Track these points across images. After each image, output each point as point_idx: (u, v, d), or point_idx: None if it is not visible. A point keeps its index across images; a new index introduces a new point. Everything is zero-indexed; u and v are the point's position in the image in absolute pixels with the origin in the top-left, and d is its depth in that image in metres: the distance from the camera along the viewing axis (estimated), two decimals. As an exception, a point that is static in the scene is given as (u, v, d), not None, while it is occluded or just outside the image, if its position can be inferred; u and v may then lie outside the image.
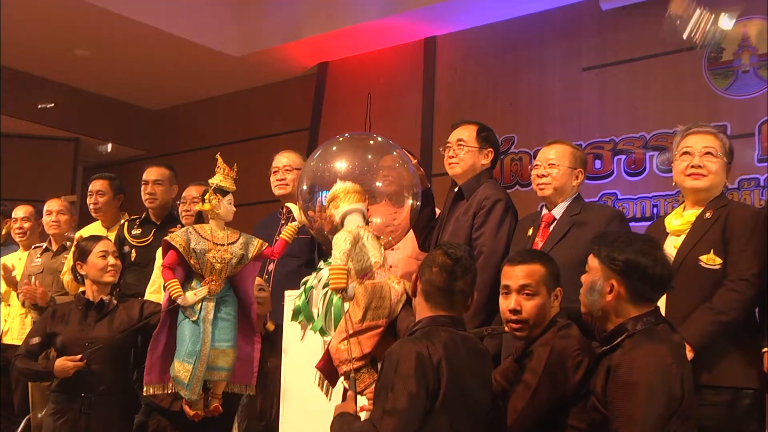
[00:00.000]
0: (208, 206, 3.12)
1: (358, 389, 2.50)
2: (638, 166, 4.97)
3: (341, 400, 2.55)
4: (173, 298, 3.04)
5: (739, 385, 2.60)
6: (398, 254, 3.46)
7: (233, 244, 3.13)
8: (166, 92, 7.43)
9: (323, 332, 2.88)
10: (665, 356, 2.05)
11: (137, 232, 4.31)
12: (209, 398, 3.11)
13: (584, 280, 2.30)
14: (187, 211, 4.12)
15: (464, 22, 5.87)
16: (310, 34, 6.19)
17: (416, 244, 3.51)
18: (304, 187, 3.12)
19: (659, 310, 2.23)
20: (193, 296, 3.06)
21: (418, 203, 3.20)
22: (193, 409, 3.08)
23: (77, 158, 7.68)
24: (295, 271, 3.57)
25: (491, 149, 3.41)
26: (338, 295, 2.60)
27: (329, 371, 2.65)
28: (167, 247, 3.10)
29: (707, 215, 2.77)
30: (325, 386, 2.71)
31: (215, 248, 3.09)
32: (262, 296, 3.49)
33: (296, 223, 3.20)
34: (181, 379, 3.00)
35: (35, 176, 7.25)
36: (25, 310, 4.43)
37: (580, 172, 3.15)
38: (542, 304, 2.39)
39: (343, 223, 2.72)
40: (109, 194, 4.51)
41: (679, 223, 2.83)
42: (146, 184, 4.35)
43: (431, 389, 2.15)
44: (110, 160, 7.68)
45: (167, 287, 3.07)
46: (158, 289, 3.80)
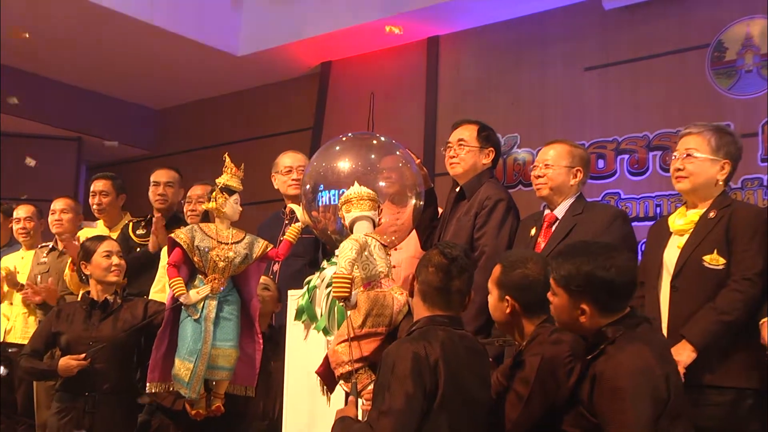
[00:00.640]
0: (213, 205, 3.13)
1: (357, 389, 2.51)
2: (641, 165, 4.97)
3: (344, 403, 2.56)
4: (176, 296, 3.05)
5: (741, 385, 2.59)
6: (401, 254, 3.46)
7: (238, 243, 3.14)
8: (169, 92, 7.43)
9: (326, 332, 2.89)
10: (648, 358, 2.03)
11: (142, 232, 4.32)
12: (211, 398, 3.12)
13: (552, 301, 2.25)
14: (192, 210, 4.13)
15: (467, 21, 5.88)
16: (313, 33, 6.20)
17: (419, 244, 3.51)
18: (307, 187, 3.13)
19: (634, 309, 2.21)
20: (195, 294, 3.06)
21: (421, 203, 3.20)
22: (194, 408, 3.08)
23: (80, 157, 7.69)
24: (299, 270, 3.57)
25: (492, 148, 3.41)
26: (340, 303, 2.61)
27: (329, 376, 2.66)
28: (172, 244, 3.12)
29: (711, 215, 2.76)
30: (325, 391, 2.71)
31: (219, 246, 3.10)
32: (267, 295, 3.50)
33: (300, 223, 3.21)
34: (181, 377, 3.01)
35: (38, 176, 7.25)
36: (27, 309, 4.45)
37: (578, 170, 3.14)
38: None
39: (352, 228, 2.73)
40: (112, 194, 4.52)
41: (682, 222, 2.82)
42: (157, 185, 4.36)
43: (429, 389, 2.15)
44: (113, 159, 7.69)
45: (171, 285, 3.08)
46: (163, 288, 3.80)
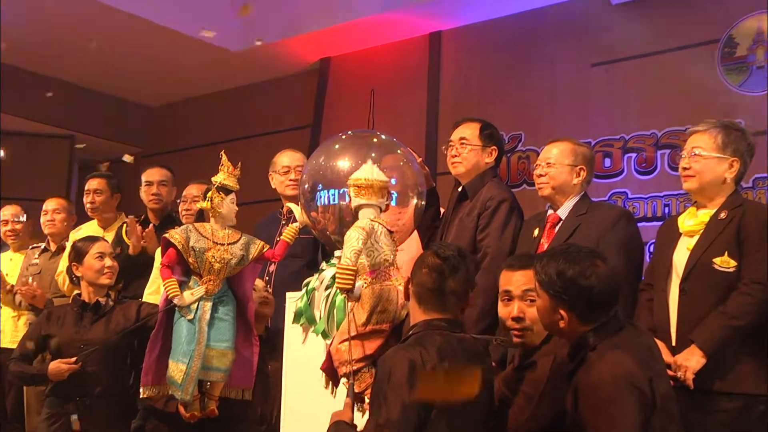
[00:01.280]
0: (209, 204, 3.13)
1: (358, 389, 2.51)
2: (649, 164, 4.96)
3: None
4: (170, 297, 3.05)
5: (752, 391, 2.58)
6: (403, 256, 3.43)
7: (234, 244, 3.13)
8: (164, 88, 7.44)
9: (325, 335, 2.88)
10: (628, 364, 2.02)
11: None
12: (206, 400, 3.11)
13: (536, 302, 2.25)
14: (187, 210, 4.13)
15: (470, 16, 5.87)
16: (312, 28, 6.20)
17: (421, 245, 3.50)
18: (306, 186, 3.12)
19: (617, 313, 2.18)
20: (190, 296, 3.05)
21: (422, 203, 3.19)
22: (188, 410, 3.07)
23: (72, 156, 7.69)
24: (297, 272, 3.57)
25: (495, 147, 3.40)
26: (343, 295, 2.60)
27: (333, 372, 2.66)
28: (166, 244, 3.11)
29: (722, 215, 2.74)
30: (330, 387, 2.71)
31: (215, 247, 3.09)
32: (265, 297, 3.49)
33: (297, 224, 3.20)
34: (174, 379, 3.00)
35: (29, 174, 7.25)
36: (17, 312, 4.44)
37: (581, 169, 3.13)
38: None
39: (356, 212, 2.71)
40: (106, 193, 4.51)
41: (692, 223, 2.81)
42: (150, 184, 4.36)
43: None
44: (106, 158, 7.69)
45: (165, 286, 3.07)
46: (157, 290, 3.80)
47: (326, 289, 2.92)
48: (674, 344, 2.69)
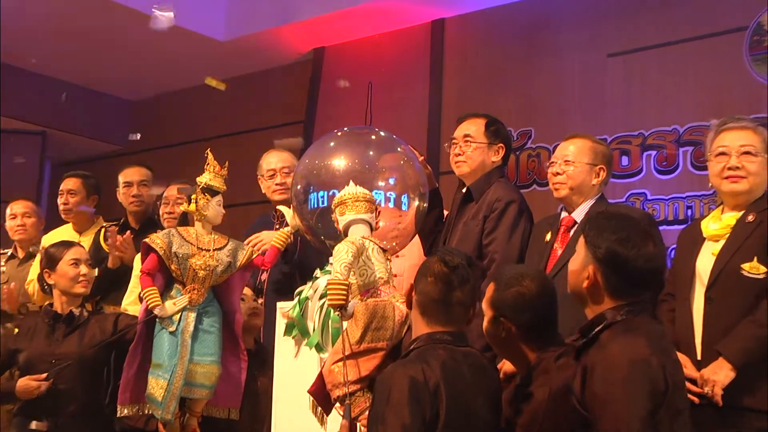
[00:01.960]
0: (193, 207, 3.12)
1: (353, 414, 2.49)
2: (670, 162, 4.96)
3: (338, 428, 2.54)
4: (150, 307, 3.03)
5: (784, 409, 2.58)
6: (404, 262, 3.45)
7: (220, 250, 3.12)
8: (144, 81, 7.43)
9: (319, 348, 2.87)
10: (643, 348, 2.04)
11: None
12: (186, 416, 3.09)
13: (571, 260, 2.30)
14: (170, 213, 4.12)
15: (476, 2, 5.87)
16: (304, 16, 6.21)
17: (423, 250, 3.50)
18: (298, 187, 3.12)
19: (644, 300, 2.22)
20: (172, 306, 3.05)
21: (424, 205, 3.19)
22: (167, 430, 3.06)
23: (44, 153, 7.68)
24: (289, 277, 3.57)
25: (502, 144, 3.40)
26: (336, 312, 2.59)
27: (323, 396, 2.64)
28: (147, 250, 3.10)
29: (749, 218, 2.75)
30: (318, 412, 2.69)
31: (199, 253, 3.08)
32: (254, 307, 3.48)
33: (289, 228, 3.19)
34: (155, 397, 2.99)
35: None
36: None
37: (601, 169, 3.13)
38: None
39: (346, 232, 2.71)
40: (81, 194, 4.51)
41: (717, 227, 2.81)
42: (129, 185, 4.36)
43: (429, 417, 2.14)
44: (81, 156, 7.68)
45: (144, 296, 3.06)
46: (136, 300, 3.79)
47: (320, 298, 2.90)
48: (699, 358, 2.69)
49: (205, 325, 3.08)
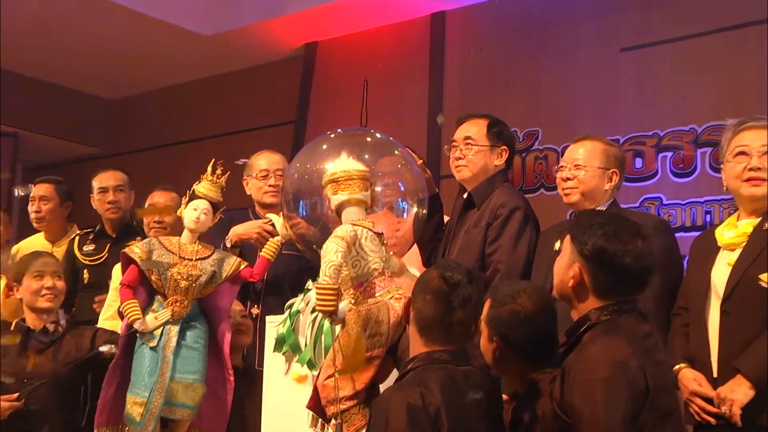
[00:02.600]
0: (180, 212, 3.14)
1: None
2: (687, 164, 4.97)
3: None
4: (130, 322, 3.05)
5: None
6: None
7: (204, 259, 3.14)
8: (123, 79, 7.43)
9: (311, 365, 2.88)
10: (623, 349, 2.07)
11: (90, 248, 4.30)
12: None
13: (561, 253, 2.33)
14: (158, 222, 4.10)
15: (479, -7, 5.90)
16: (296, 9, 6.21)
17: (421, 260, 3.51)
18: (288, 193, 3.13)
19: (631, 300, 2.24)
20: (153, 320, 3.07)
21: (424, 211, 3.20)
22: (146, 453, 3.07)
23: (16, 156, 7.69)
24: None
25: (505, 147, 3.41)
26: (326, 318, 2.61)
27: (321, 410, 2.66)
28: (126, 261, 3.12)
29: (766, 226, 2.74)
30: (320, 425, 2.72)
31: (181, 263, 3.10)
32: (241, 323, 3.49)
33: (279, 237, 3.21)
34: (132, 416, 3.00)
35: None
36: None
37: (614, 173, 3.16)
38: None
39: (339, 213, 2.72)
40: (54, 201, 4.52)
41: (732, 235, 2.81)
42: (105, 191, 4.36)
43: None
44: (55, 159, 7.68)
45: (124, 309, 3.07)
46: (114, 315, 3.80)
47: (313, 311, 2.92)
48: (716, 375, 2.70)
49: (188, 340, 3.09)
